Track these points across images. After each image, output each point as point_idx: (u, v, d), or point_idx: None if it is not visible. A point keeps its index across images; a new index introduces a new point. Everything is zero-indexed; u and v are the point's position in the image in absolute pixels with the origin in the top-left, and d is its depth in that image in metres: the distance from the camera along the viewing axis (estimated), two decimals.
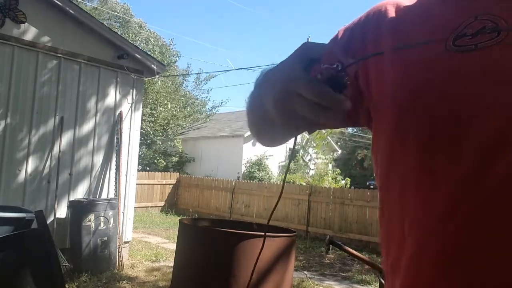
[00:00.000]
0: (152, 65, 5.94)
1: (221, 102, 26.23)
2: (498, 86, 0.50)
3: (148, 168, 15.74)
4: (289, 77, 0.51)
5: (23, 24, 4.76)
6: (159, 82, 16.73)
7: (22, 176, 4.74)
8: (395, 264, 0.62)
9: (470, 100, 0.52)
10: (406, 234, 0.59)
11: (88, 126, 5.37)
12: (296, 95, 0.50)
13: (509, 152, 0.49)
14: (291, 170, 15.46)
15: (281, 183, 11.93)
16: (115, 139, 5.60)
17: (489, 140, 0.51)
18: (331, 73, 0.49)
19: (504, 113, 0.50)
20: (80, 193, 5.26)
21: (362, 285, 5.61)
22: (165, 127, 17.92)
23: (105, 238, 4.91)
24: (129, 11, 23.31)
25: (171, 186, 12.37)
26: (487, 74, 0.52)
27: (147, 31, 22.17)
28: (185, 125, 19.35)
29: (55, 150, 5.03)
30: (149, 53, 8.84)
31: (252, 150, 15.46)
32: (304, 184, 11.37)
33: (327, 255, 6.94)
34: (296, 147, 13.74)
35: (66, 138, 5.14)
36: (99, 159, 5.46)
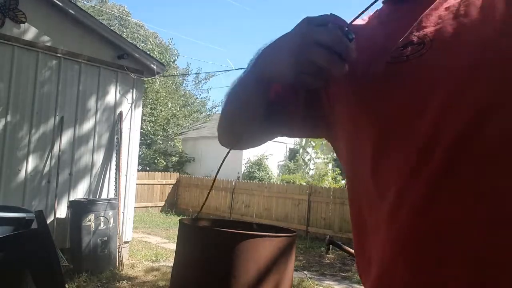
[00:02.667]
0: (152, 65, 5.94)
1: (221, 102, 26.20)
2: (426, 89, 0.59)
3: (148, 168, 15.74)
4: (303, 32, 0.58)
5: (23, 24, 4.76)
6: (159, 81, 16.73)
7: (22, 175, 4.74)
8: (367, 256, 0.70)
9: (403, 106, 0.60)
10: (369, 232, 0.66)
11: (88, 126, 5.37)
12: (313, 44, 0.55)
13: (444, 147, 0.55)
14: (291, 170, 15.45)
15: (281, 183, 11.93)
16: (115, 139, 5.60)
17: (425, 137, 0.57)
18: (339, 29, 0.56)
19: (432, 116, 0.56)
20: (80, 193, 5.26)
21: (362, 285, 5.62)
22: (165, 127, 17.92)
23: (105, 238, 4.91)
24: (125, 10, 23.30)
25: (171, 186, 12.37)
26: (416, 80, 0.60)
27: (145, 30, 22.18)
28: (185, 125, 19.36)
29: (55, 150, 5.03)
30: (148, 53, 8.84)
31: (252, 150, 15.45)
32: (304, 184, 11.36)
33: (327, 255, 6.93)
34: (295, 147, 13.70)
35: (66, 138, 5.14)
36: (99, 159, 5.47)
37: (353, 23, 0.80)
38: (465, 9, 0.59)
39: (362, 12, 0.65)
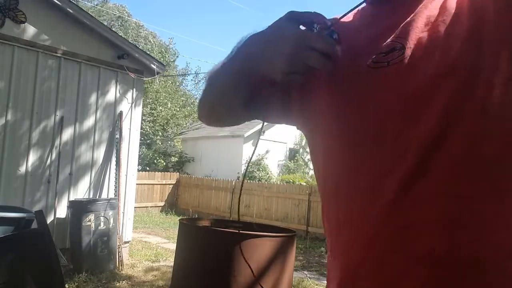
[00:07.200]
0: (152, 65, 5.94)
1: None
2: (401, 96, 0.61)
3: (148, 168, 15.73)
4: (297, 35, 0.63)
5: (23, 24, 4.76)
6: (158, 80, 16.74)
7: (22, 175, 4.74)
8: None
9: (381, 109, 0.63)
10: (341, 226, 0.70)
11: (88, 125, 5.37)
12: (307, 48, 0.61)
13: (416, 149, 0.58)
14: (291, 170, 15.45)
15: (281, 183, 11.93)
16: (115, 139, 5.60)
17: (397, 139, 0.60)
18: (325, 30, 0.64)
19: (405, 122, 0.60)
20: (80, 193, 5.26)
21: None
22: (165, 127, 17.92)
23: (105, 238, 4.91)
24: (125, 11, 23.30)
25: (171, 186, 12.36)
26: (393, 86, 0.63)
27: (145, 30, 22.19)
28: (185, 125, 19.36)
29: (55, 150, 5.03)
30: (148, 52, 8.84)
31: (252, 150, 15.45)
32: (304, 184, 11.36)
33: (327, 255, 6.94)
34: (295, 147, 13.69)
35: (66, 138, 5.13)
36: (99, 158, 5.47)
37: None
38: (443, 19, 0.62)
39: (348, 12, 0.71)
